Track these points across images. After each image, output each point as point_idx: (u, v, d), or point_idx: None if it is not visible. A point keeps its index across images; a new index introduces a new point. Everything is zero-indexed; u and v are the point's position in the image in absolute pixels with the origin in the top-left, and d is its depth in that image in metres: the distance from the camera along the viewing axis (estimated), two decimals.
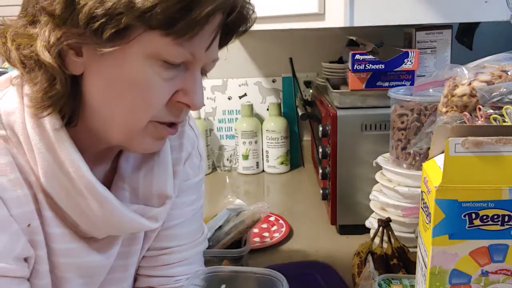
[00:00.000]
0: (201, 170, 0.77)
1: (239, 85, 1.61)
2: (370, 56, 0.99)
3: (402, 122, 0.87)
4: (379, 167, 0.94)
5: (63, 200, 0.57)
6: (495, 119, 0.56)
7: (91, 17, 0.49)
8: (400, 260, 0.81)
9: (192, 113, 1.52)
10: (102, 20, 0.49)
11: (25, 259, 0.57)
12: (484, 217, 0.48)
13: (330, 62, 1.29)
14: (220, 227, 0.94)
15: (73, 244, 0.61)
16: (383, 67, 1.00)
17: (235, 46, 1.58)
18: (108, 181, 0.64)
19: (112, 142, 0.59)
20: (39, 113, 0.54)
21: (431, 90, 0.81)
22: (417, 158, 0.86)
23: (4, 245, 0.53)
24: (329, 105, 1.09)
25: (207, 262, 0.81)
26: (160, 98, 0.55)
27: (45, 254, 0.59)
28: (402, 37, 1.21)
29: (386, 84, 1.01)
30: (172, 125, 0.59)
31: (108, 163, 0.65)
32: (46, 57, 0.51)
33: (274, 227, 1.12)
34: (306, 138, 1.61)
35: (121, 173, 0.64)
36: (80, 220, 0.59)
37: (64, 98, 0.54)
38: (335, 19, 0.98)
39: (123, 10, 0.48)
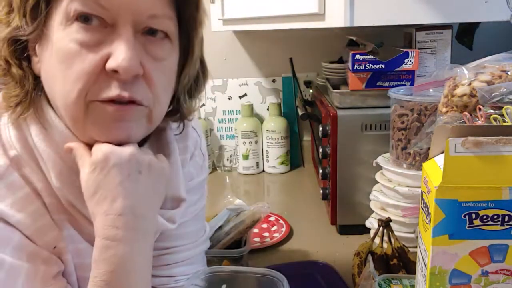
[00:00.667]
0: (204, 170, 0.77)
1: (239, 85, 1.61)
2: (370, 56, 0.99)
3: (402, 122, 0.87)
4: (379, 167, 0.94)
5: (79, 201, 0.55)
6: (495, 119, 0.57)
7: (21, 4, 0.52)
8: (400, 260, 0.81)
9: None
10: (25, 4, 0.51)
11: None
12: (484, 217, 0.48)
13: (330, 62, 1.29)
14: (220, 227, 0.94)
15: (85, 243, 0.60)
16: (383, 67, 1.00)
17: (235, 46, 1.58)
18: None
19: (82, 139, 0.56)
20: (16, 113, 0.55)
21: (431, 90, 0.81)
22: (417, 158, 0.86)
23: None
24: (329, 105, 1.09)
25: (207, 262, 0.81)
26: (85, 67, 0.51)
27: (73, 271, 0.59)
28: (402, 37, 1.21)
29: (386, 84, 1.01)
30: (118, 104, 0.53)
31: None
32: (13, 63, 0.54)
33: (274, 227, 1.12)
34: (306, 138, 1.61)
35: None
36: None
37: (27, 96, 0.55)
38: (335, 19, 0.98)
39: None
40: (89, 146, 0.55)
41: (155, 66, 0.54)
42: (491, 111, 0.60)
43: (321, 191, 1.11)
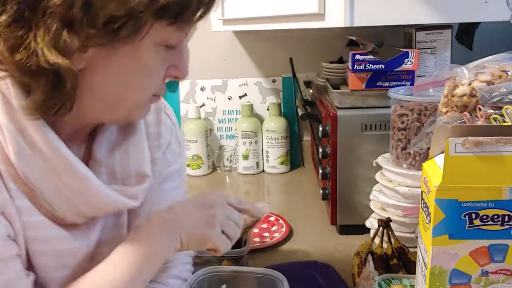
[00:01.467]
0: (182, 157, 0.80)
1: (239, 85, 1.61)
2: (370, 56, 0.99)
3: (402, 122, 0.87)
4: (379, 167, 0.94)
5: (39, 180, 0.57)
6: (495, 119, 0.57)
7: (111, 18, 0.50)
8: (400, 260, 0.81)
9: (192, 113, 1.53)
10: (122, 21, 0.51)
11: (10, 237, 0.57)
12: (484, 217, 0.48)
13: (330, 62, 1.29)
14: None
15: (51, 231, 0.60)
16: (383, 67, 1.00)
17: (235, 46, 1.58)
18: (85, 164, 0.62)
19: (104, 121, 0.63)
20: (35, 117, 0.55)
21: (431, 90, 0.81)
22: (417, 158, 0.86)
23: None
24: (329, 105, 1.09)
25: (207, 263, 0.81)
26: (161, 77, 0.60)
27: (23, 243, 0.59)
28: (402, 37, 1.21)
29: (386, 84, 1.01)
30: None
31: (82, 145, 0.65)
32: (56, 58, 0.50)
33: (274, 227, 1.12)
34: (306, 138, 1.61)
35: (96, 157, 0.64)
36: (58, 201, 0.59)
37: (67, 96, 0.54)
38: (335, 19, 0.98)
39: (143, 9, 0.51)
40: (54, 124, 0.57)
41: None
42: (491, 111, 0.60)
43: (321, 191, 1.11)
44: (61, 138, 0.58)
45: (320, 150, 1.08)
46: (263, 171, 1.58)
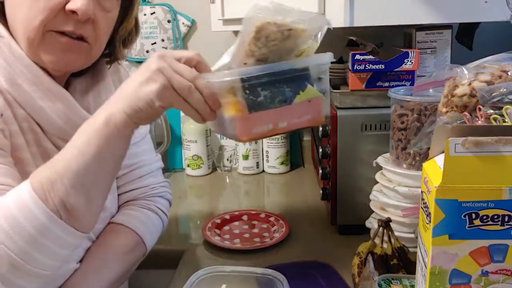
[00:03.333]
0: None
1: None
2: (370, 56, 0.99)
3: (402, 122, 0.87)
4: (379, 167, 0.94)
5: (28, 104, 0.68)
6: (495, 119, 0.57)
7: None
8: (400, 260, 0.81)
9: None
10: None
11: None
12: (484, 217, 0.48)
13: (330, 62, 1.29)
14: None
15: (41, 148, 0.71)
16: (383, 67, 1.00)
17: None
18: None
19: (32, 58, 0.69)
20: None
21: (431, 90, 0.81)
22: (417, 158, 0.86)
23: None
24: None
25: None
26: (50, 3, 0.65)
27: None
28: (402, 37, 1.21)
29: (386, 84, 1.01)
30: (70, 37, 0.68)
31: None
32: None
33: (274, 227, 1.12)
34: (306, 138, 1.61)
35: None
36: (47, 124, 0.71)
37: None
38: (335, 19, 0.98)
39: None
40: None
41: (103, 15, 0.70)
42: (491, 111, 0.60)
43: (321, 191, 1.11)
44: None
45: (320, 150, 1.08)
46: (263, 171, 1.58)
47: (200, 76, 0.61)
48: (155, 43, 1.55)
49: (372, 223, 0.95)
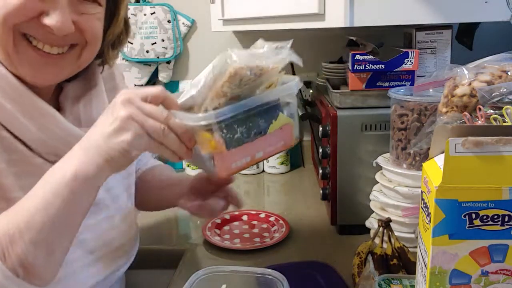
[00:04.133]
0: None
1: None
2: (370, 56, 0.99)
3: (402, 122, 0.87)
4: (379, 167, 0.94)
5: (11, 124, 0.64)
6: (495, 119, 0.56)
7: None
8: (400, 260, 0.81)
9: None
10: None
11: None
12: (484, 217, 0.48)
13: (330, 62, 1.29)
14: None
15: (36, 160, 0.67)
16: (383, 67, 1.00)
17: (235, 46, 1.58)
18: None
19: (12, 71, 0.64)
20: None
21: (431, 90, 0.81)
22: (417, 158, 0.86)
23: None
24: (329, 105, 1.09)
25: None
26: (25, 8, 0.60)
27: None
28: (402, 37, 1.21)
29: (386, 84, 1.01)
30: (47, 53, 0.64)
31: (50, 103, 0.70)
32: None
33: (274, 227, 1.12)
34: (306, 138, 1.61)
35: (63, 108, 0.73)
36: (32, 142, 0.66)
37: None
38: (335, 19, 0.98)
39: None
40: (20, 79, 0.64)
41: (86, 18, 0.65)
42: (491, 111, 0.60)
43: (321, 191, 1.11)
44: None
45: (320, 150, 1.08)
46: (263, 171, 1.58)
47: (172, 115, 0.58)
48: (155, 43, 1.55)
49: (372, 223, 0.95)
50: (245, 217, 1.18)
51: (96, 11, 0.68)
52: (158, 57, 1.56)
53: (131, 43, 1.54)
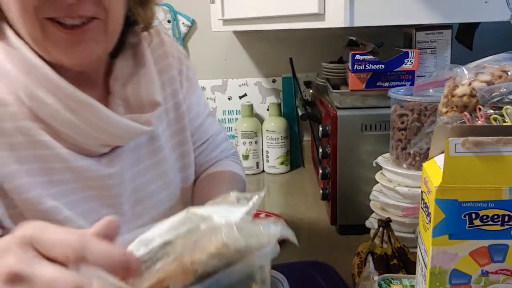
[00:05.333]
0: (193, 68, 0.85)
1: (239, 85, 1.61)
2: (370, 56, 0.99)
3: (402, 122, 0.87)
4: (379, 167, 0.94)
5: (54, 118, 0.61)
6: (495, 119, 0.56)
7: None
8: (400, 260, 0.81)
9: None
10: None
11: None
12: (484, 217, 0.48)
13: (330, 62, 1.29)
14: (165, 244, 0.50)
15: (77, 162, 0.64)
16: (383, 67, 1.00)
17: (235, 46, 1.58)
18: (104, 103, 0.67)
19: (44, 57, 0.61)
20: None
21: (431, 90, 0.81)
22: (417, 158, 0.86)
23: None
24: (329, 105, 1.09)
25: None
26: None
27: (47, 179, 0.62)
28: (402, 37, 1.21)
29: (386, 84, 1.01)
30: (71, 27, 0.59)
31: (99, 88, 0.70)
32: None
33: None
34: (306, 138, 1.61)
35: (113, 91, 0.70)
36: (76, 134, 0.63)
37: None
38: (335, 19, 0.98)
39: None
40: (57, 66, 0.61)
41: None
42: (491, 111, 0.60)
43: (321, 191, 1.11)
44: (72, 79, 0.62)
45: (320, 150, 1.08)
46: (263, 171, 1.58)
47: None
48: None
49: (372, 223, 0.95)
50: None
51: None
52: None
53: None
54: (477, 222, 0.48)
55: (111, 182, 0.68)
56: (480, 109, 0.60)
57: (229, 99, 1.62)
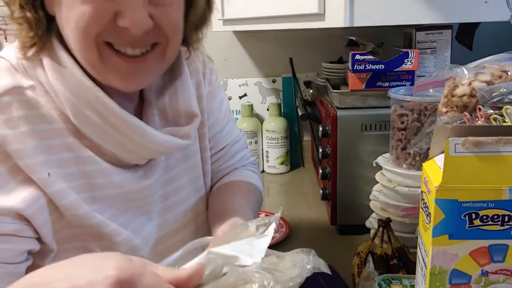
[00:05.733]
0: (216, 71, 0.84)
1: (239, 85, 1.61)
2: (370, 56, 0.99)
3: (402, 122, 0.87)
4: (379, 167, 0.94)
5: (99, 136, 0.62)
6: (495, 119, 0.56)
7: None
8: (400, 260, 0.81)
9: None
10: None
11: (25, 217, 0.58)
12: (484, 217, 0.48)
13: (330, 62, 1.29)
14: None
15: (117, 176, 0.65)
16: (383, 67, 1.00)
17: (235, 46, 1.58)
18: (139, 112, 0.69)
19: (101, 80, 0.61)
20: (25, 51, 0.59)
21: (431, 90, 0.81)
22: (417, 158, 0.86)
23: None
24: (329, 105, 1.09)
25: None
26: (98, 14, 0.56)
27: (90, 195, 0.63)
28: (402, 37, 1.21)
29: (386, 84, 1.01)
30: (131, 57, 0.60)
31: (135, 98, 0.70)
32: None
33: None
34: (306, 138, 1.61)
35: (148, 100, 0.69)
36: (119, 151, 0.64)
37: (41, 38, 0.59)
38: (335, 19, 0.98)
39: None
40: (108, 88, 0.61)
41: (163, 11, 0.59)
42: (491, 111, 0.60)
43: (321, 191, 1.11)
44: (116, 95, 0.62)
45: (320, 150, 1.08)
46: (263, 171, 1.58)
47: None
48: None
49: (372, 223, 0.95)
50: None
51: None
52: None
53: None
54: (477, 222, 0.48)
55: (146, 193, 0.69)
56: (480, 109, 0.60)
57: (229, 99, 1.62)
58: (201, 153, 0.79)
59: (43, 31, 0.59)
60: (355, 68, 1.00)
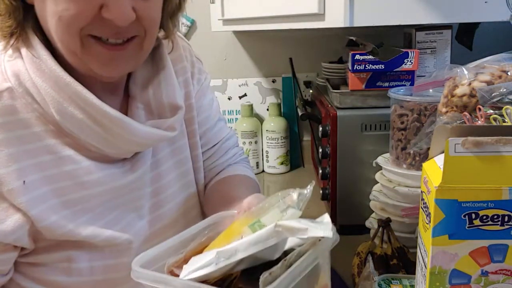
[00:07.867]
0: (205, 72, 0.85)
1: (239, 85, 1.61)
2: (370, 56, 0.99)
3: (402, 122, 0.87)
4: (379, 167, 0.94)
5: (82, 131, 0.62)
6: (495, 119, 0.56)
7: None
8: (400, 260, 0.81)
9: None
10: None
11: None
12: (484, 217, 0.48)
13: (330, 62, 1.29)
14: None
15: (102, 172, 0.65)
16: (383, 67, 1.00)
17: (235, 46, 1.58)
18: (125, 107, 0.71)
19: (75, 67, 0.62)
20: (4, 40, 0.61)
21: (431, 90, 0.81)
22: (417, 158, 0.86)
23: None
24: (329, 105, 1.09)
25: None
26: (84, 8, 0.57)
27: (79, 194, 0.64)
28: (402, 37, 1.21)
29: (386, 84, 1.01)
30: (112, 45, 0.61)
31: (120, 93, 0.71)
32: None
33: None
34: (306, 138, 1.61)
35: (133, 95, 0.70)
36: (103, 145, 0.64)
37: (18, 27, 0.60)
38: (335, 19, 0.98)
39: None
40: (92, 83, 0.63)
41: (146, 5, 0.61)
42: (491, 111, 0.60)
43: (321, 191, 1.11)
44: (99, 90, 0.64)
45: (320, 150, 1.08)
46: (263, 171, 1.58)
47: None
48: None
49: (372, 223, 0.95)
50: None
51: None
52: None
53: None
54: (477, 222, 0.48)
55: (133, 187, 0.69)
56: (480, 109, 0.60)
57: (229, 99, 1.62)
58: (192, 150, 0.80)
59: (20, 20, 0.60)
60: (355, 68, 1.00)
